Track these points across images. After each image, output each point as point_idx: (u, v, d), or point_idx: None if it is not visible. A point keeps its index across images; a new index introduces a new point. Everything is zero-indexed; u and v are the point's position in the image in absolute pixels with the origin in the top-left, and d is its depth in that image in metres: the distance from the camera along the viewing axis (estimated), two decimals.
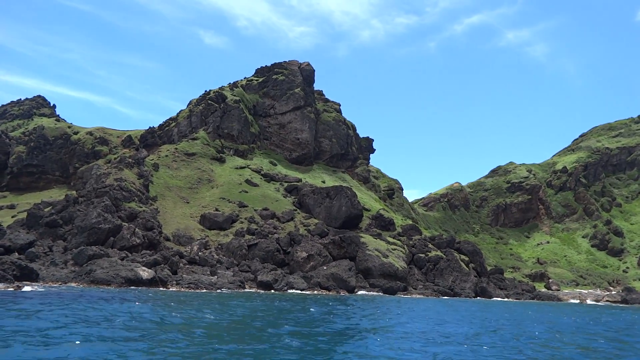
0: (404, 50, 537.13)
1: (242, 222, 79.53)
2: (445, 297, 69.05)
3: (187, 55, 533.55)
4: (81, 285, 37.30)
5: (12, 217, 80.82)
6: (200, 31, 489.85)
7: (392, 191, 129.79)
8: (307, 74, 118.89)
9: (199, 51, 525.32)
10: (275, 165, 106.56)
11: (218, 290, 43.72)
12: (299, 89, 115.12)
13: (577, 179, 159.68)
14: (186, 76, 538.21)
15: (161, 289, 41.00)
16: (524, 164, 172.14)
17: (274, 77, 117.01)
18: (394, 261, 72.18)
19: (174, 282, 43.98)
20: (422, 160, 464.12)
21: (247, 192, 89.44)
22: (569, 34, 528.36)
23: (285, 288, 53.99)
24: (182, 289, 41.82)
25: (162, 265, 48.64)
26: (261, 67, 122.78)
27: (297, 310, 29.14)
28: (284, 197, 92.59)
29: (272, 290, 52.69)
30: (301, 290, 56.65)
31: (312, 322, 23.10)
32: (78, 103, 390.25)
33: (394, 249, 76.70)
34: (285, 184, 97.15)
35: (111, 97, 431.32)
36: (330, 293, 58.05)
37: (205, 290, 41.95)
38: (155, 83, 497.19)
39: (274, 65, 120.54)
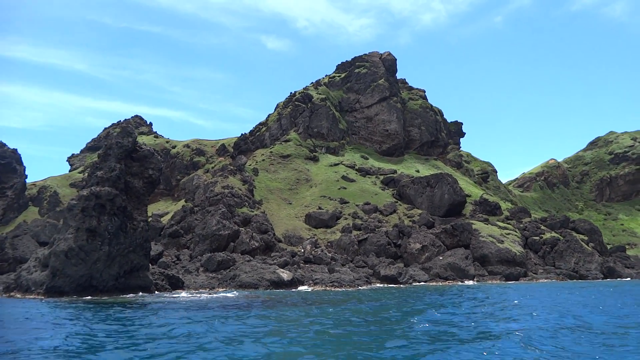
0: (469, 29, 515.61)
1: (346, 218, 79.76)
2: (572, 281, 65.23)
3: (251, 62, 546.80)
4: (232, 289, 38.74)
5: None
6: (262, 37, 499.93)
7: (486, 174, 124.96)
8: (389, 63, 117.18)
9: (262, 56, 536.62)
10: (367, 159, 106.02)
11: (360, 287, 43.71)
12: (382, 79, 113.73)
13: None
14: (253, 82, 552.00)
15: (303, 288, 41.74)
16: (626, 132, 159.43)
17: (356, 70, 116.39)
18: (510, 246, 69.27)
19: (311, 282, 44.66)
20: (508, 139, 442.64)
21: (345, 188, 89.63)
22: None
23: (410, 281, 53.26)
24: (327, 288, 42.33)
25: (291, 266, 49.62)
26: (342, 62, 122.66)
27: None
28: (381, 189, 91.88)
29: (398, 284, 52.13)
30: (423, 282, 55.72)
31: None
32: (156, 120, 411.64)
33: (508, 234, 73.63)
34: (381, 177, 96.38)
35: (185, 110, 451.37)
36: (453, 283, 56.60)
37: (351, 289, 42.12)
38: (225, 92, 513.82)
39: (355, 59, 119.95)
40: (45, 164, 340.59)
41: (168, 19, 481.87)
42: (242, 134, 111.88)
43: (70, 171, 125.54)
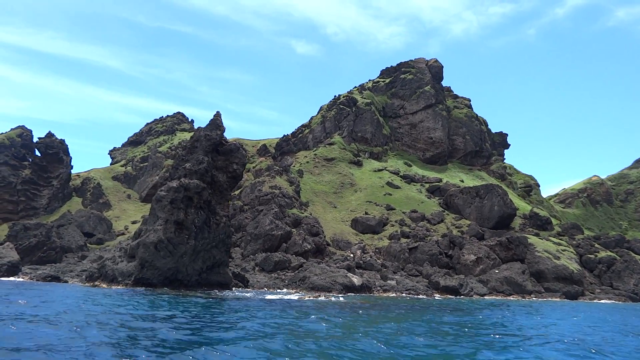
0: (501, 41, 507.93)
1: (393, 225, 78.34)
2: (633, 303, 62.47)
3: (280, 65, 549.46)
4: (302, 292, 37.76)
5: None
6: (292, 41, 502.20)
7: (529, 188, 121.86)
8: (435, 70, 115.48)
9: (291, 60, 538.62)
10: (410, 166, 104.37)
11: (437, 297, 42.15)
12: (428, 86, 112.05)
13: None
14: (280, 86, 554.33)
15: (374, 294, 40.52)
16: None
17: (402, 76, 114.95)
18: (567, 263, 66.92)
19: (380, 289, 43.37)
20: (544, 155, 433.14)
21: (390, 194, 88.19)
22: None
23: (472, 294, 51.54)
24: (403, 295, 41.03)
25: (355, 270, 48.46)
26: (386, 67, 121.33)
27: None
28: (427, 198, 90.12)
29: (459, 296, 50.45)
30: (482, 295, 53.88)
31: None
32: None
33: (563, 250, 71.20)
34: (427, 185, 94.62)
35: (213, 110, 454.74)
36: (516, 298, 54.61)
37: (425, 297, 40.75)
38: (251, 94, 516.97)
39: (400, 64, 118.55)
40: (78, 156, 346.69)
41: (200, 19, 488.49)
42: (284, 135, 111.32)
43: (111, 164, 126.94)
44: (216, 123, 33.96)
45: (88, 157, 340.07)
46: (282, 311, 20.44)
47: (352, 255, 66.00)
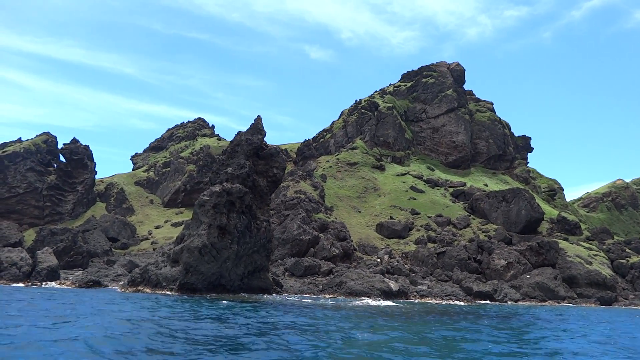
0: (516, 44, 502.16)
1: (418, 230, 77.58)
2: None
3: (294, 71, 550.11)
4: (341, 297, 37.35)
5: None
6: (305, 47, 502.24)
7: (553, 192, 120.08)
8: (457, 74, 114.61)
9: (305, 66, 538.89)
10: (433, 170, 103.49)
11: (475, 302, 41.50)
12: (450, 90, 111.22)
13: None
14: (295, 91, 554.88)
15: (412, 300, 39.97)
16: None
17: (424, 80, 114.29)
18: (599, 268, 65.56)
19: (415, 294, 42.80)
20: (568, 157, 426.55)
21: (415, 199, 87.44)
22: None
23: (506, 299, 50.65)
24: (442, 301, 40.45)
25: (390, 275, 48.00)
26: (407, 71, 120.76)
27: None
28: (452, 202, 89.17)
29: (492, 302, 49.61)
30: (515, 301, 52.95)
31: None
32: None
33: (595, 255, 69.82)
34: (451, 189, 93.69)
35: (228, 116, 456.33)
36: (551, 304, 53.56)
37: (465, 303, 40.15)
38: (266, 100, 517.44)
39: (422, 68, 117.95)
40: (96, 162, 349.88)
41: (215, 27, 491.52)
42: (305, 140, 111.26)
43: (133, 169, 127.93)
44: (257, 127, 33.82)
45: (105, 163, 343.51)
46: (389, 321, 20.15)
47: (379, 260, 65.45)
